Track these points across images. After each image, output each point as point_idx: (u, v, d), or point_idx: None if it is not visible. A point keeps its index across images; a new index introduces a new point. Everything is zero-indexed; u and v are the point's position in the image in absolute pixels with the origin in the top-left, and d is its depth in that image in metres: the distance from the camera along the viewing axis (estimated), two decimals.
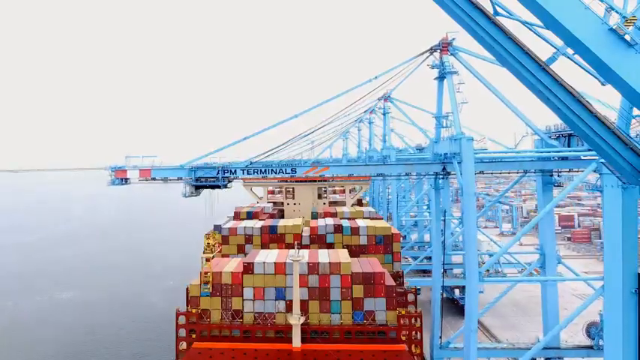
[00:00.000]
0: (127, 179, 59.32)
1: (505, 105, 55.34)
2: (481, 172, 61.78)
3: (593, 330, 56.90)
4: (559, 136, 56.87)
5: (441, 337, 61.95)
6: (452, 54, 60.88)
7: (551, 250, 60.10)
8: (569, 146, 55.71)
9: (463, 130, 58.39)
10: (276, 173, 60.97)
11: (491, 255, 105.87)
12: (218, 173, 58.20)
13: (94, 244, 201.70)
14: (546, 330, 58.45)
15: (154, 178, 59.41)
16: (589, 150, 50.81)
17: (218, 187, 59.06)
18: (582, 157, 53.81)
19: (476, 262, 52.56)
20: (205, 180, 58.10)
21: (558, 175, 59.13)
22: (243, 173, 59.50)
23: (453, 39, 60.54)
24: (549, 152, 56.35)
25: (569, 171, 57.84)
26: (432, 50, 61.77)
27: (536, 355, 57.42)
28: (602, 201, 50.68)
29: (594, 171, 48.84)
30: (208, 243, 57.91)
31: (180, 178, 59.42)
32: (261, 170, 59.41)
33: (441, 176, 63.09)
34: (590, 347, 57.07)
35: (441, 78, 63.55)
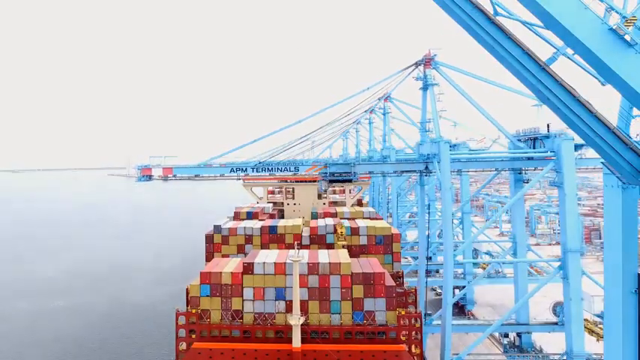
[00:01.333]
0: (151, 176, 68.50)
1: (480, 112, 63.47)
2: (458, 171, 72.77)
3: (559, 309, 65.26)
4: (527, 139, 64.59)
5: (425, 315, 66.52)
6: (434, 68, 69.87)
7: (522, 238, 70.40)
8: (534, 148, 63.41)
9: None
10: (281, 171, 69.86)
11: (490, 255, 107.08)
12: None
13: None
14: (517, 308, 66.45)
15: (174, 176, 69.13)
16: (549, 152, 59.80)
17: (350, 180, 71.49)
18: (545, 158, 61.71)
19: (451, 246, 62.38)
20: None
21: (525, 173, 67.66)
22: (253, 171, 68.76)
23: (435, 55, 69.30)
24: (516, 153, 64.83)
25: (535, 169, 65.78)
26: (416, 64, 71.07)
27: (507, 330, 69.54)
28: (559, 195, 58.97)
29: (552, 169, 59.30)
30: None
31: (196, 176, 70.23)
32: (268, 168, 68.67)
33: (424, 174, 71.85)
34: (555, 323, 66.23)
35: (424, 88, 72.30)
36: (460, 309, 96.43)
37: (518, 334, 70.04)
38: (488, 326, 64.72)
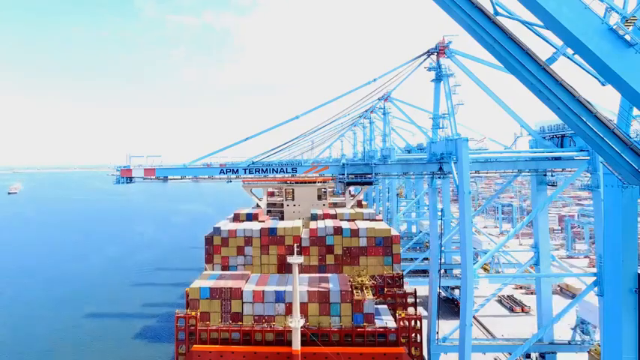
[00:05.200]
0: (131, 178, 61.51)
1: (500, 107, 55.81)
2: (477, 172, 62.69)
3: (585, 327, 59.37)
4: (552, 137, 57.59)
5: (437, 333, 62.28)
6: (448, 57, 63.00)
7: (545, 248, 61.40)
8: (562, 147, 56.46)
9: (464, 130, 60.13)
10: (277, 173, 62.19)
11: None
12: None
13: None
14: (541, 325, 59.43)
15: (158, 177, 61.96)
16: (581, 150, 52.57)
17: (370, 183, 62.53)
18: (575, 158, 54.27)
19: (471, 259, 52.81)
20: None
21: (552, 175, 59.78)
22: (245, 173, 61.03)
23: (450, 42, 62.31)
24: (542, 152, 57.13)
25: (562, 170, 58.48)
26: (429, 53, 64.02)
27: (530, 350, 59.74)
28: (593, 199, 53.06)
29: (586, 171, 51.99)
30: None
31: (182, 177, 62.16)
32: (262, 170, 60.71)
33: (437, 176, 63.57)
34: (583, 342, 59.17)
35: (437, 80, 65.92)
36: (457, 306, 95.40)
37: (542, 355, 62.73)
38: (512, 346, 58.69)
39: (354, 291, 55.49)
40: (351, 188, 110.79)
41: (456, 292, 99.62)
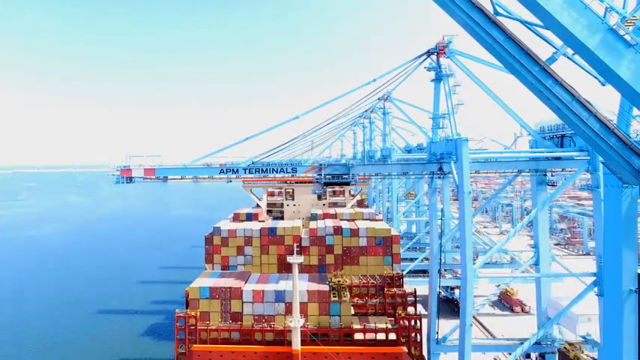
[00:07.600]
0: (131, 178, 62.04)
1: (500, 107, 55.84)
2: (477, 172, 62.69)
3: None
4: (552, 137, 57.65)
5: (437, 333, 62.23)
6: (448, 57, 63.39)
7: (545, 248, 61.25)
8: (561, 146, 56.55)
9: (464, 130, 60.49)
10: (277, 173, 62.60)
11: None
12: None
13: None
14: (540, 325, 59.31)
15: (157, 177, 62.48)
16: (581, 150, 52.59)
17: (347, 183, 63.63)
18: (575, 158, 54.24)
19: (471, 258, 52.58)
20: None
21: (552, 175, 59.70)
22: (245, 172, 61.42)
23: (450, 42, 62.69)
24: (542, 152, 57.07)
25: (562, 170, 58.47)
26: (429, 53, 64.54)
27: (530, 350, 59.58)
28: (593, 199, 53.00)
29: (586, 170, 51.92)
30: None
31: (182, 177, 62.82)
32: (262, 170, 61.14)
33: (437, 176, 63.50)
34: (584, 343, 58.06)
35: (437, 80, 66.22)
36: (456, 305, 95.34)
37: (542, 355, 62.47)
38: (512, 346, 58.21)
39: (331, 292, 55.63)
40: (351, 188, 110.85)
41: (456, 292, 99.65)
